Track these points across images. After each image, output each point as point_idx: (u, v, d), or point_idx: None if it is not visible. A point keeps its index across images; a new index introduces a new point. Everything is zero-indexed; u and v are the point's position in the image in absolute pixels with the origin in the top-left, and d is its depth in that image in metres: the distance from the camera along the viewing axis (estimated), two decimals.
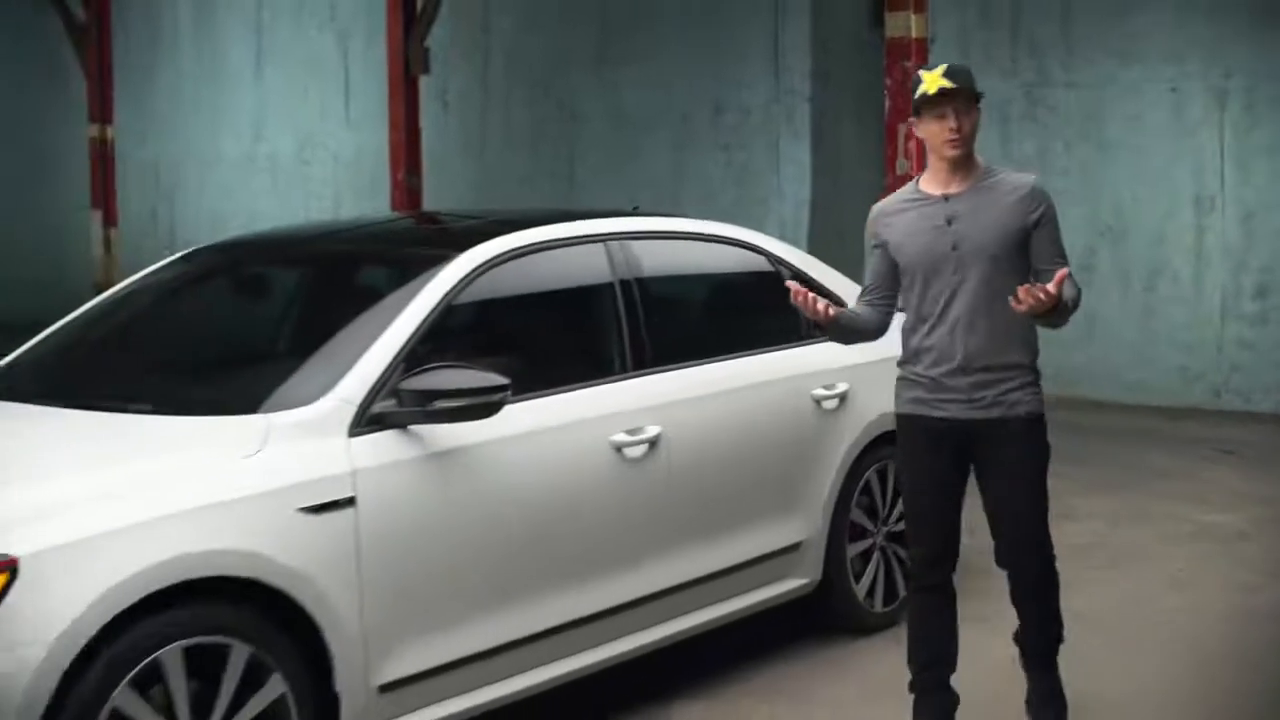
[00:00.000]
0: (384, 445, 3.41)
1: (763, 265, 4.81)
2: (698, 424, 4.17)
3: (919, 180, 3.74)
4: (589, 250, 4.21)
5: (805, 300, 3.58)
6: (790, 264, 4.87)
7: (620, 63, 11.50)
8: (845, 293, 4.69)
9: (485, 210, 5.28)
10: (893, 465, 4.61)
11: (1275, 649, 4.79)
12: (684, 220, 4.87)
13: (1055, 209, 3.68)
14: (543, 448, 3.74)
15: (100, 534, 2.92)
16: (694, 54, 11.08)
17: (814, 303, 3.58)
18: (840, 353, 4.38)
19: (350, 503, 3.30)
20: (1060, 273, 3.44)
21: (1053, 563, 3.79)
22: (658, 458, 4.02)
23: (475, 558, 3.57)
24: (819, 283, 4.79)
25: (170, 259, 4.53)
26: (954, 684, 3.82)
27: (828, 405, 4.64)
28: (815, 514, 4.59)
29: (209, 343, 4.30)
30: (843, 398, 4.67)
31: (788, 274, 4.81)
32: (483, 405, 3.45)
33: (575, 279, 4.20)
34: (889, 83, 7.72)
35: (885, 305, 3.78)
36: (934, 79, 3.55)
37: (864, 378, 4.66)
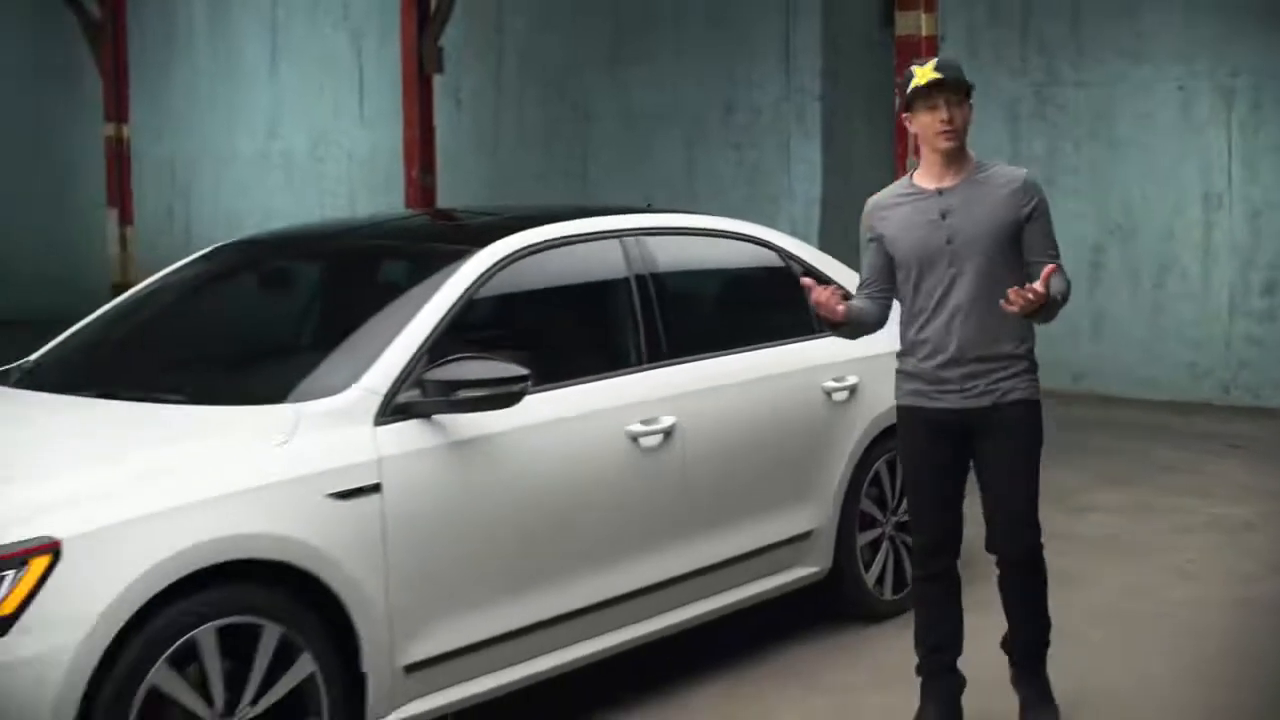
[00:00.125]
0: (408, 434, 3.52)
1: (774, 261, 4.92)
2: (711, 415, 4.28)
3: (913, 174, 3.80)
4: (605, 246, 4.32)
5: (825, 300, 3.61)
6: (801, 259, 4.97)
7: (633, 62, 11.61)
8: (855, 288, 4.77)
9: (502, 207, 5.38)
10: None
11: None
12: (697, 217, 4.97)
13: (1047, 202, 3.74)
14: (561, 437, 3.85)
15: (139, 518, 3.04)
16: (706, 53, 11.18)
17: (832, 304, 3.61)
18: (850, 346, 4.46)
19: (376, 489, 3.41)
20: (1047, 269, 3.50)
21: (1040, 551, 3.82)
22: (672, 447, 4.13)
23: (496, 542, 3.69)
24: (829, 277, 4.88)
25: (196, 255, 4.65)
26: (960, 666, 3.91)
27: (838, 397, 4.75)
28: (826, 503, 4.69)
29: (238, 336, 4.43)
30: (852, 390, 4.77)
31: (798, 269, 4.92)
32: (504, 395, 3.57)
33: (592, 274, 4.31)
34: (899, 81, 7.79)
35: (884, 298, 3.84)
36: (925, 72, 3.63)
37: (873, 370, 4.75)
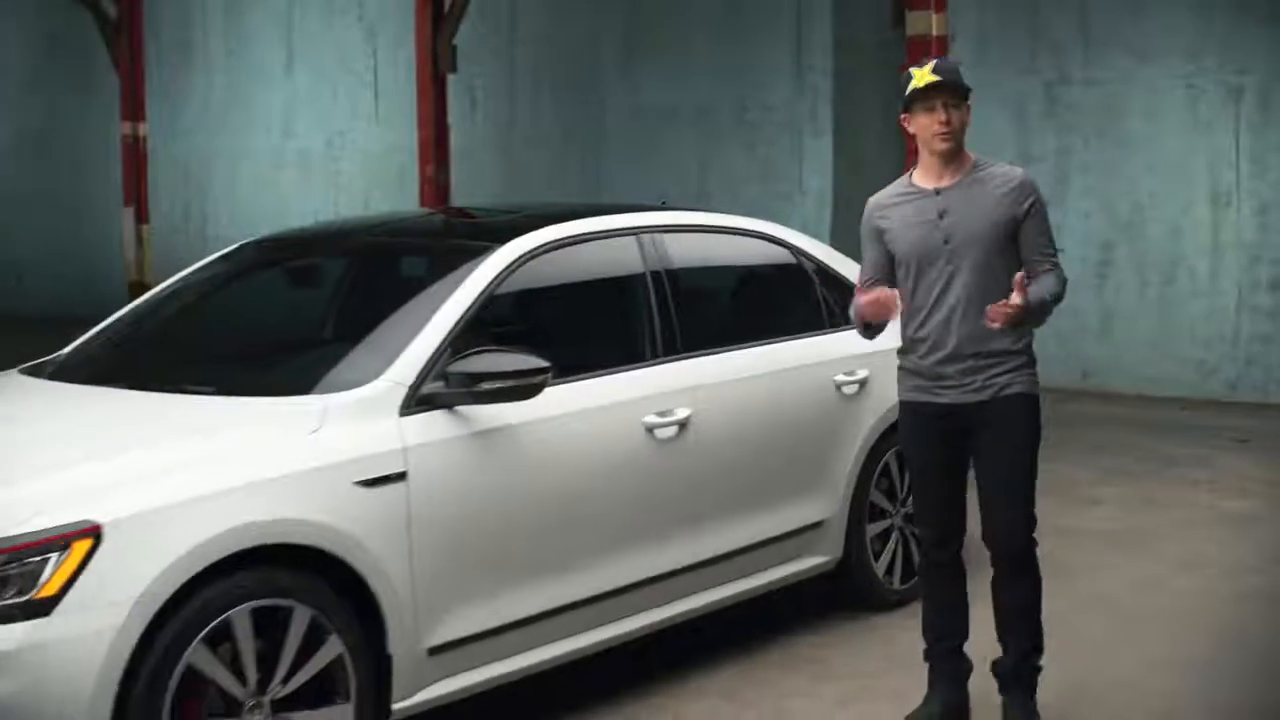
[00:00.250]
0: (433, 424, 3.64)
1: (785, 257, 5.03)
2: (725, 407, 4.39)
3: (912, 174, 3.87)
4: (621, 243, 4.44)
5: (888, 302, 3.68)
6: (812, 256, 5.08)
7: (646, 61, 11.71)
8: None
9: (520, 205, 5.50)
10: None
11: None
12: (711, 214, 5.09)
13: (1044, 201, 3.79)
14: (580, 428, 3.97)
15: (176, 503, 3.17)
16: (718, 52, 11.29)
17: (891, 307, 3.69)
18: (860, 340, 4.56)
19: (402, 477, 3.53)
20: (1018, 277, 3.56)
21: (1033, 548, 3.83)
22: (687, 438, 4.24)
23: (517, 530, 3.81)
24: (839, 273, 5.00)
25: (223, 252, 4.77)
26: (966, 651, 4.01)
27: (848, 391, 4.86)
28: (836, 494, 4.80)
29: (267, 330, 4.56)
30: (863, 384, 4.88)
31: (810, 266, 5.04)
32: (525, 387, 3.68)
33: (609, 270, 4.43)
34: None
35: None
36: (923, 74, 3.69)
37: (883, 365, 4.83)
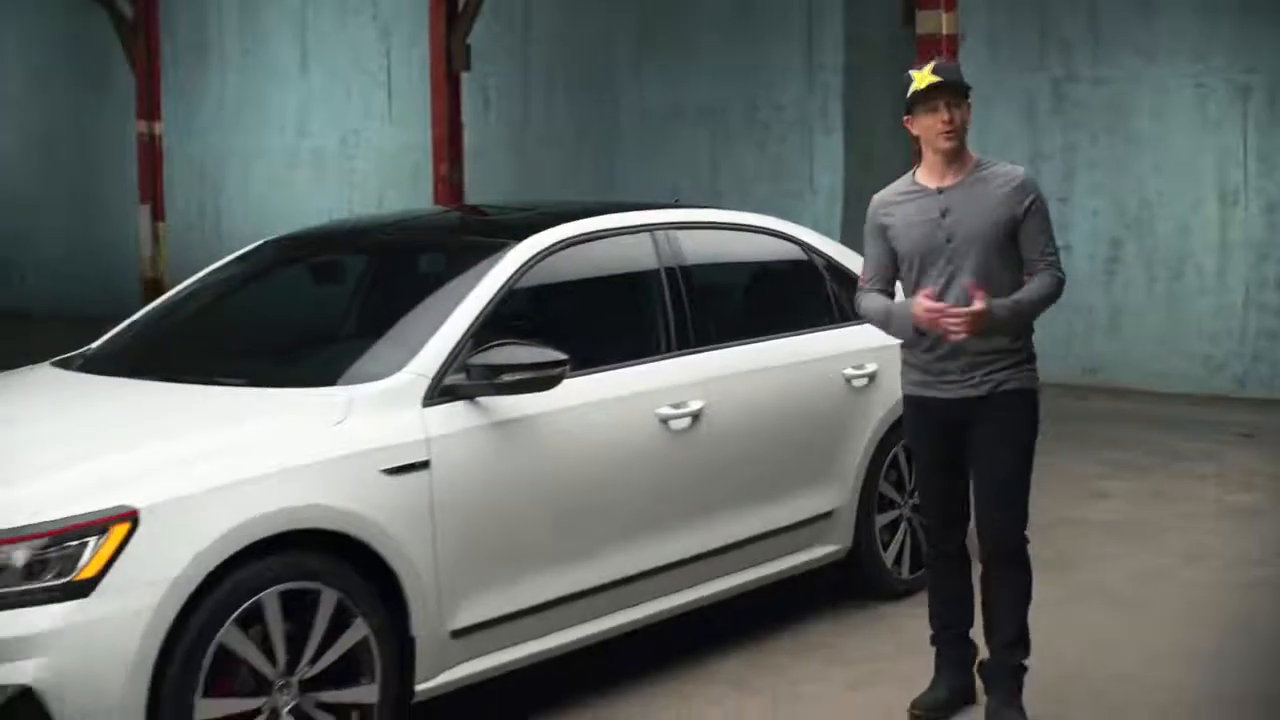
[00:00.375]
0: (455, 414, 3.76)
1: (796, 254, 5.14)
2: (737, 399, 4.50)
3: (915, 172, 3.94)
4: (636, 239, 4.55)
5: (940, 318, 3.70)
6: (822, 252, 5.19)
7: (658, 60, 11.82)
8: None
9: (535, 203, 5.62)
10: None
11: None
12: (723, 212, 5.20)
13: (1045, 201, 3.84)
14: (596, 418, 4.09)
15: (209, 490, 3.29)
16: (729, 51, 11.39)
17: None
18: (869, 335, 4.65)
19: (425, 466, 3.65)
20: (966, 282, 3.64)
21: (1024, 544, 3.87)
22: (700, 429, 4.35)
23: (536, 517, 3.92)
24: (848, 269, 5.10)
25: (247, 249, 4.89)
26: (972, 638, 4.11)
27: (858, 384, 4.96)
28: (846, 485, 4.91)
29: (292, 324, 4.69)
30: (872, 377, 4.98)
31: (820, 262, 5.14)
32: (544, 378, 3.80)
33: (624, 266, 4.54)
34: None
35: (892, 290, 4.00)
36: (924, 76, 3.77)
37: (891, 359, 4.89)
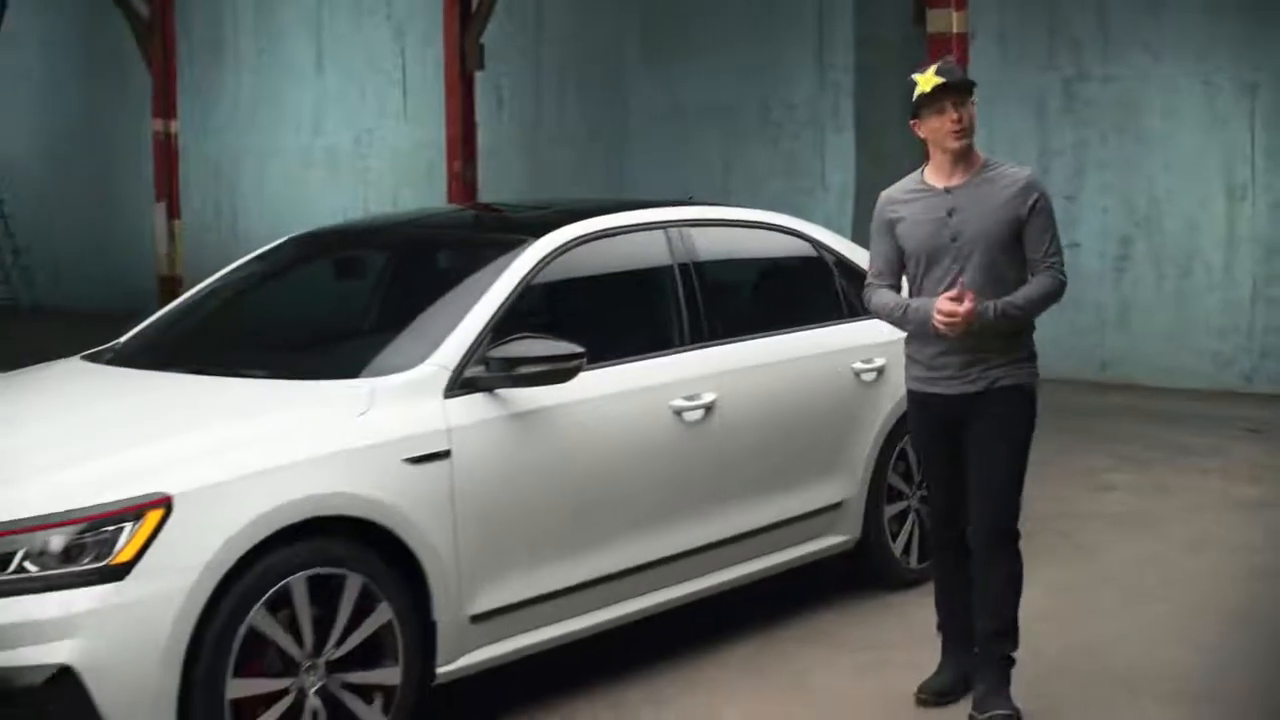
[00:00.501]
0: (474, 406, 3.88)
1: (807, 251, 5.24)
2: (749, 392, 4.61)
3: (923, 171, 4.01)
4: (650, 236, 4.66)
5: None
6: (832, 249, 5.29)
7: (670, 58, 11.91)
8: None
9: (551, 200, 5.74)
10: None
11: None
12: (735, 209, 5.31)
13: (1050, 202, 3.90)
14: (611, 410, 4.20)
15: (240, 477, 3.41)
16: (741, 49, 11.48)
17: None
18: (878, 330, 4.76)
19: (446, 455, 3.77)
20: (960, 283, 3.73)
21: (1014, 538, 3.90)
22: (713, 421, 4.46)
23: (553, 506, 4.04)
24: (858, 265, 5.19)
25: (271, 245, 5.01)
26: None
27: (866, 378, 5.06)
28: (855, 476, 5.01)
29: (316, 318, 4.81)
30: (880, 371, 5.08)
31: (830, 258, 5.25)
32: (561, 371, 3.91)
33: (639, 262, 4.65)
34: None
35: (899, 285, 4.08)
36: (928, 79, 3.84)
37: (900, 353, 4.98)
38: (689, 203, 5.22)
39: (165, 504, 3.29)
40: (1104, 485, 6.91)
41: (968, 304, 3.73)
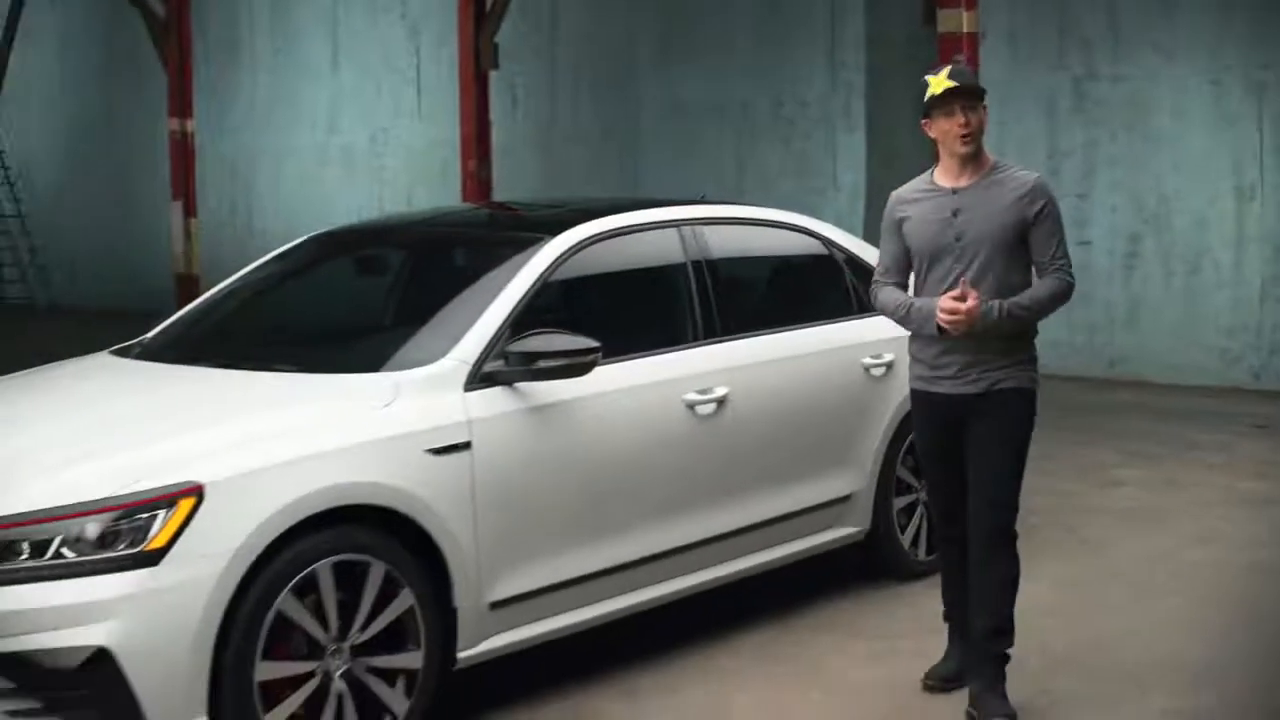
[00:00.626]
0: (494, 399, 3.99)
1: (818, 248, 5.34)
2: (760, 386, 4.71)
3: (934, 172, 4.08)
4: (664, 234, 4.77)
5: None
6: (842, 246, 5.39)
7: (683, 58, 12.01)
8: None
9: (565, 199, 5.84)
10: None
11: None
12: (747, 208, 5.42)
13: (1057, 206, 3.94)
14: (626, 403, 4.31)
15: (269, 467, 3.53)
16: (753, 49, 11.57)
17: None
18: (887, 326, 4.82)
19: (466, 447, 3.88)
20: (963, 281, 3.78)
21: (1011, 538, 3.94)
22: (725, 415, 4.57)
23: (570, 496, 4.14)
24: (867, 263, 5.29)
25: (294, 243, 5.13)
26: None
27: (876, 373, 5.16)
28: (864, 470, 5.11)
29: (339, 314, 4.93)
30: (889, 366, 5.17)
31: (840, 256, 5.34)
32: (577, 365, 4.02)
33: (653, 259, 4.75)
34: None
35: (906, 284, 4.15)
36: (939, 81, 3.89)
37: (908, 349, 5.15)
38: (701, 201, 5.32)
39: (197, 492, 3.40)
40: (1112, 481, 6.99)
41: (971, 302, 3.80)
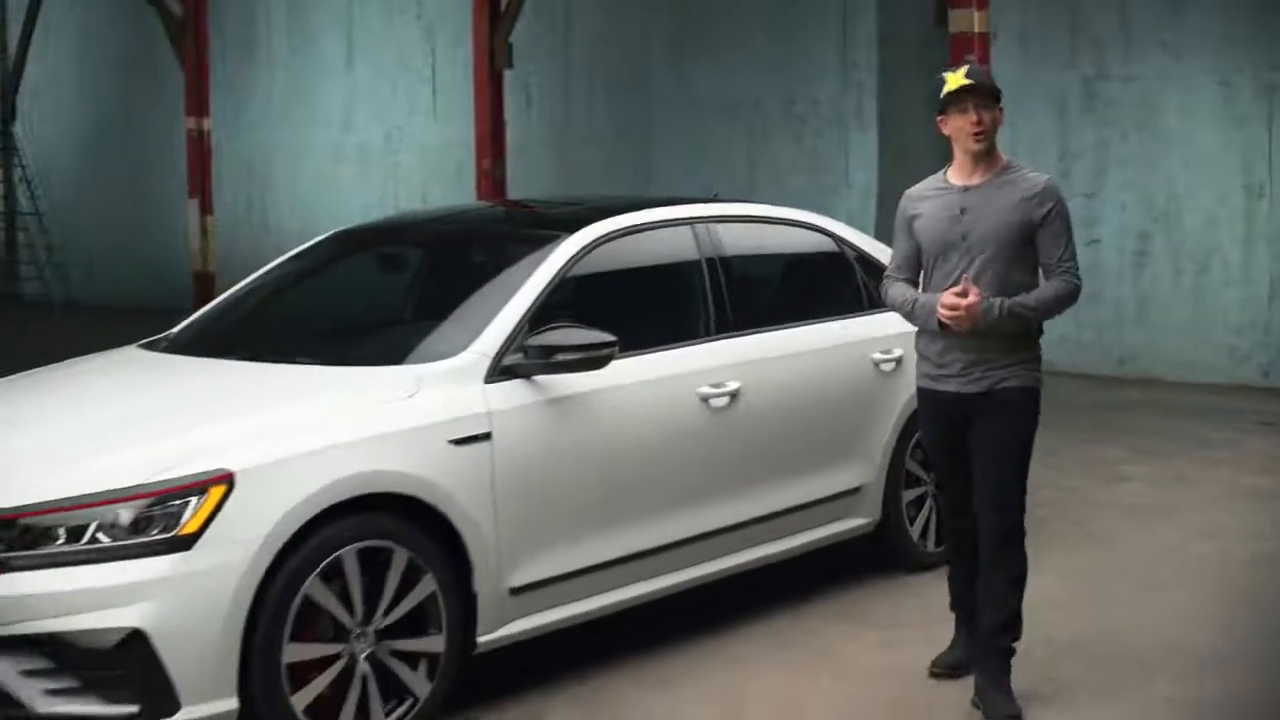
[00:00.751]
0: (513, 391, 4.11)
1: (829, 246, 5.44)
2: (772, 381, 4.82)
3: (947, 170, 4.11)
4: (678, 232, 4.88)
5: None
6: (853, 244, 5.49)
7: (696, 57, 12.10)
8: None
9: (580, 198, 5.95)
10: None
11: None
12: (759, 206, 5.51)
13: (1066, 209, 3.99)
14: (642, 396, 4.42)
15: (296, 456, 3.65)
16: (766, 48, 11.66)
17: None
18: (896, 322, 4.90)
19: (487, 437, 4.00)
20: (966, 278, 3.84)
21: (1019, 536, 3.99)
22: (738, 408, 4.67)
23: (586, 486, 4.26)
24: (878, 260, 5.39)
25: (317, 240, 5.24)
26: None
27: (885, 368, 5.26)
28: (874, 462, 5.21)
29: (362, 309, 5.05)
30: (898, 361, 5.27)
31: (851, 253, 5.44)
32: (594, 359, 4.14)
33: (667, 256, 4.86)
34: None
35: (917, 281, 4.21)
36: (956, 78, 3.94)
37: None
38: (714, 199, 5.41)
39: (228, 480, 3.52)
40: (1119, 476, 7.06)
41: (972, 298, 3.86)
